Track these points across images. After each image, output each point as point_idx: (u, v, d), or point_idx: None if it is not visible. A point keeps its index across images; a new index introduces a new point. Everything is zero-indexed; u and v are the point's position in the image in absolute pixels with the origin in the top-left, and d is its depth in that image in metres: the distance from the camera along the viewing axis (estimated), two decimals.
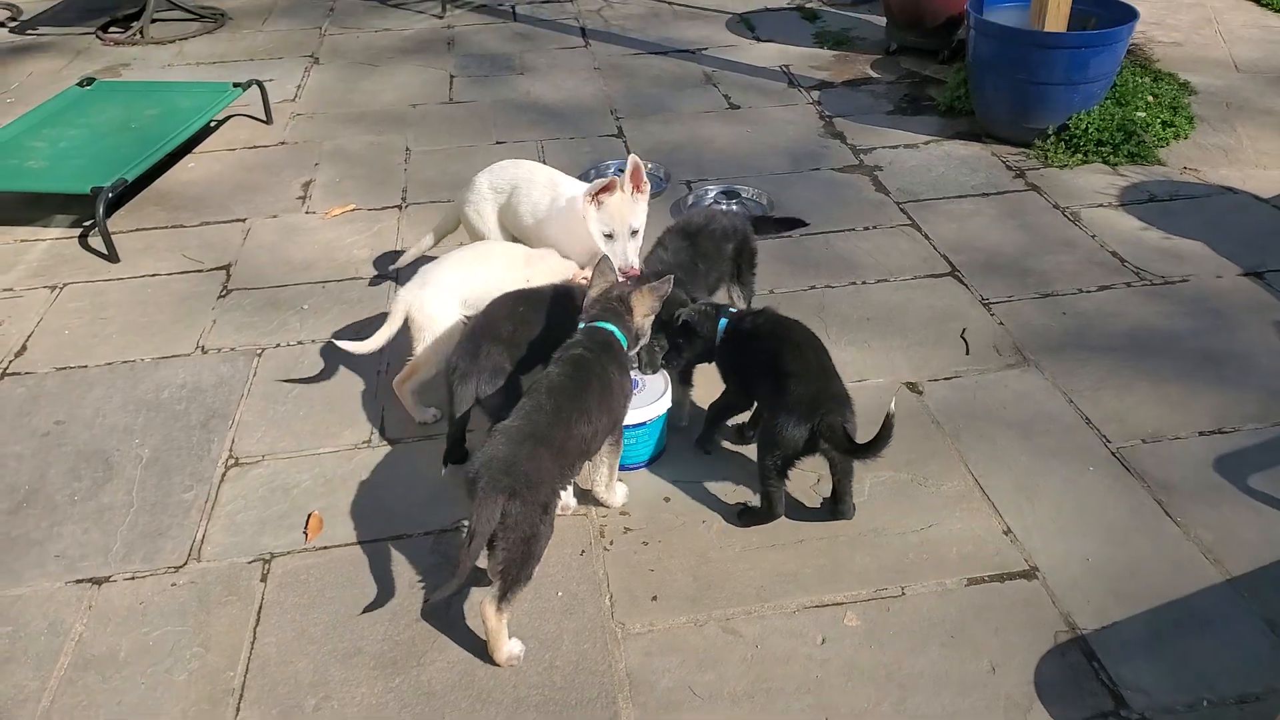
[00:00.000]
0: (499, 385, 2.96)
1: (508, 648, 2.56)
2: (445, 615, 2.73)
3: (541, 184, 3.68)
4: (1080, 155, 5.04)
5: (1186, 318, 3.85)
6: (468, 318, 3.25)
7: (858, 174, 5.11)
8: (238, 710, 2.51)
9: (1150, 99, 5.26)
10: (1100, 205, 4.69)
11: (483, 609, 2.52)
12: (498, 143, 5.59)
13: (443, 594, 2.52)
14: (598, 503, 3.06)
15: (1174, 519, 2.93)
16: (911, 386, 3.53)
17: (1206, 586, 2.72)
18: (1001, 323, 3.86)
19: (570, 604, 2.75)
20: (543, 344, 3.01)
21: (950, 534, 2.91)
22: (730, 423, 3.27)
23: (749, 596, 2.75)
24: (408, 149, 5.55)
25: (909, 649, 2.58)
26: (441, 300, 3.33)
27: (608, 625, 2.69)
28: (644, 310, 2.90)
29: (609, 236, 3.31)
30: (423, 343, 3.33)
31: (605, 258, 3.08)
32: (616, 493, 3.05)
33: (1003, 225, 4.55)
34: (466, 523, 2.92)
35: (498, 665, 2.57)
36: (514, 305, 3.09)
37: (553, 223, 3.60)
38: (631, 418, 3.00)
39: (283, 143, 5.70)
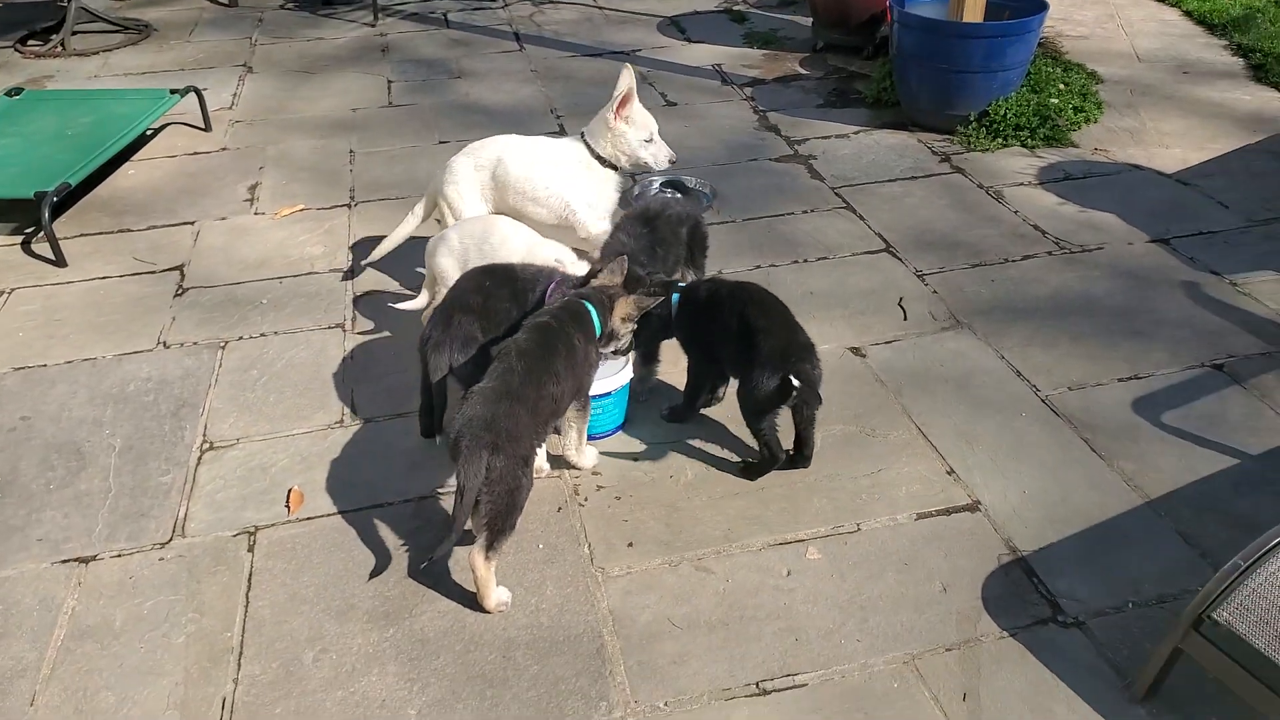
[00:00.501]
0: (470, 354, 3.11)
1: (496, 594, 2.71)
2: (431, 572, 2.86)
3: (530, 149, 3.91)
4: (1000, 139, 5.38)
5: (1102, 281, 4.17)
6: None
7: (793, 163, 5.37)
8: (239, 666, 2.61)
9: (1062, 87, 5.63)
10: (1021, 184, 5.02)
11: (472, 559, 2.67)
12: (441, 142, 5.72)
13: (442, 551, 2.67)
14: (570, 466, 3.22)
15: (1099, 454, 3.21)
16: (855, 350, 3.77)
17: (1129, 509, 2.99)
18: (935, 291, 4.13)
19: (551, 555, 2.91)
20: (507, 315, 3.17)
21: (899, 476, 3.15)
22: None
23: (717, 538, 2.95)
24: (352, 151, 5.65)
25: (867, 576, 2.80)
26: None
27: (588, 570, 2.85)
28: (622, 313, 3.03)
29: (648, 141, 3.80)
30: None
31: (620, 260, 3.16)
32: (586, 455, 3.22)
33: (932, 205, 4.85)
34: (453, 483, 3.08)
35: (487, 612, 2.72)
36: (481, 279, 3.24)
37: (568, 179, 3.84)
38: (598, 388, 3.17)
39: (224, 149, 5.75)
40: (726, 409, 3.41)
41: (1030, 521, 2.95)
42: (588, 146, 3.91)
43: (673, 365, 3.54)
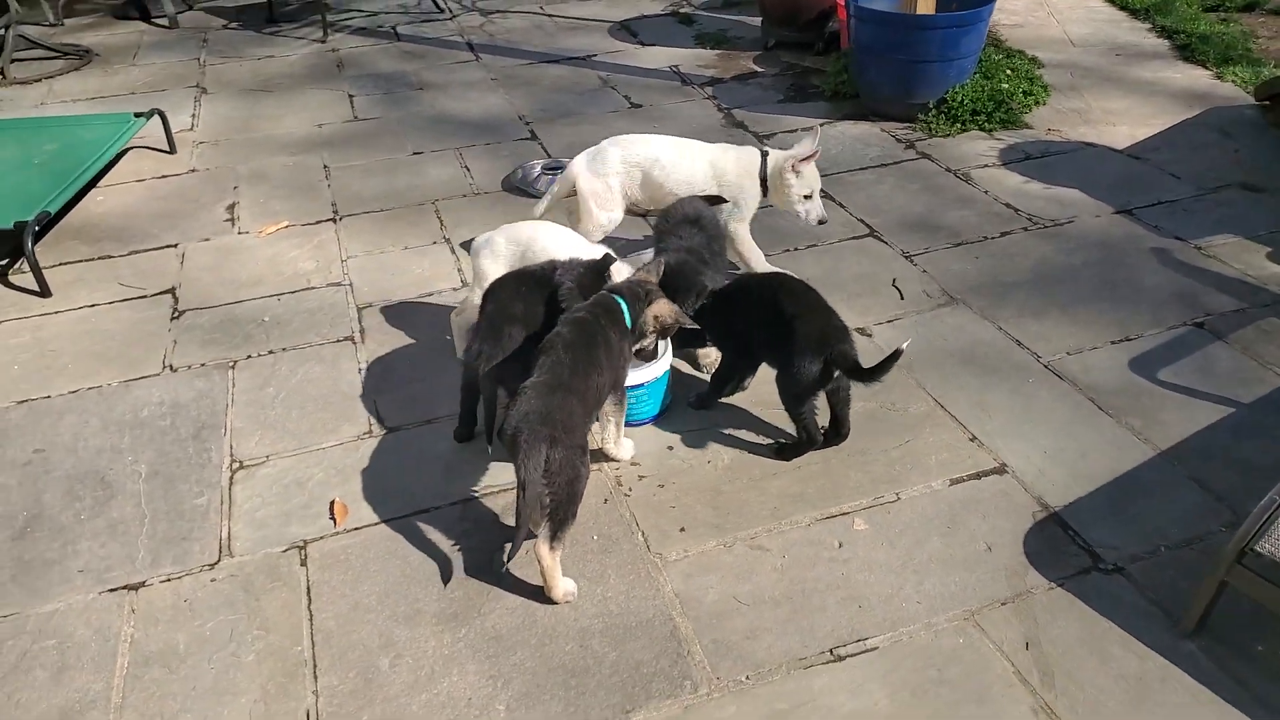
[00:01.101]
0: (519, 362, 3.18)
1: (563, 585, 2.79)
2: (490, 572, 2.93)
3: (690, 156, 4.06)
4: (959, 125, 5.61)
5: (1078, 252, 4.41)
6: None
7: None
8: (316, 678, 2.64)
9: (1009, 72, 5.89)
10: (986, 166, 5.25)
11: (538, 550, 2.74)
12: (415, 153, 5.75)
13: (515, 549, 2.73)
14: (607, 458, 3.31)
15: (1106, 412, 3.41)
16: (861, 331, 3.92)
17: (1144, 461, 3.20)
18: (925, 270, 4.32)
19: (606, 545, 3.00)
20: (547, 318, 3.25)
21: (925, 446, 3.31)
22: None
23: (765, 517, 3.06)
24: (326, 166, 5.64)
25: (914, 542, 2.95)
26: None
27: (646, 557, 2.95)
28: (656, 312, 3.09)
29: (807, 197, 4.00)
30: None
31: (656, 262, 3.29)
32: (624, 447, 3.31)
33: (905, 190, 5.04)
34: (493, 483, 3.15)
35: (555, 603, 2.79)
36: (517, 285, 3.31)
37: (734, 187, 4.01)
38: (635, 377, 3.27)
39: (193, 170, 5.69)
40: (750, 395, 3.53)
41: (1056, 479, 3.13)
42: (763, 161, 4.07)
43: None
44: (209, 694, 2.61)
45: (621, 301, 3.07)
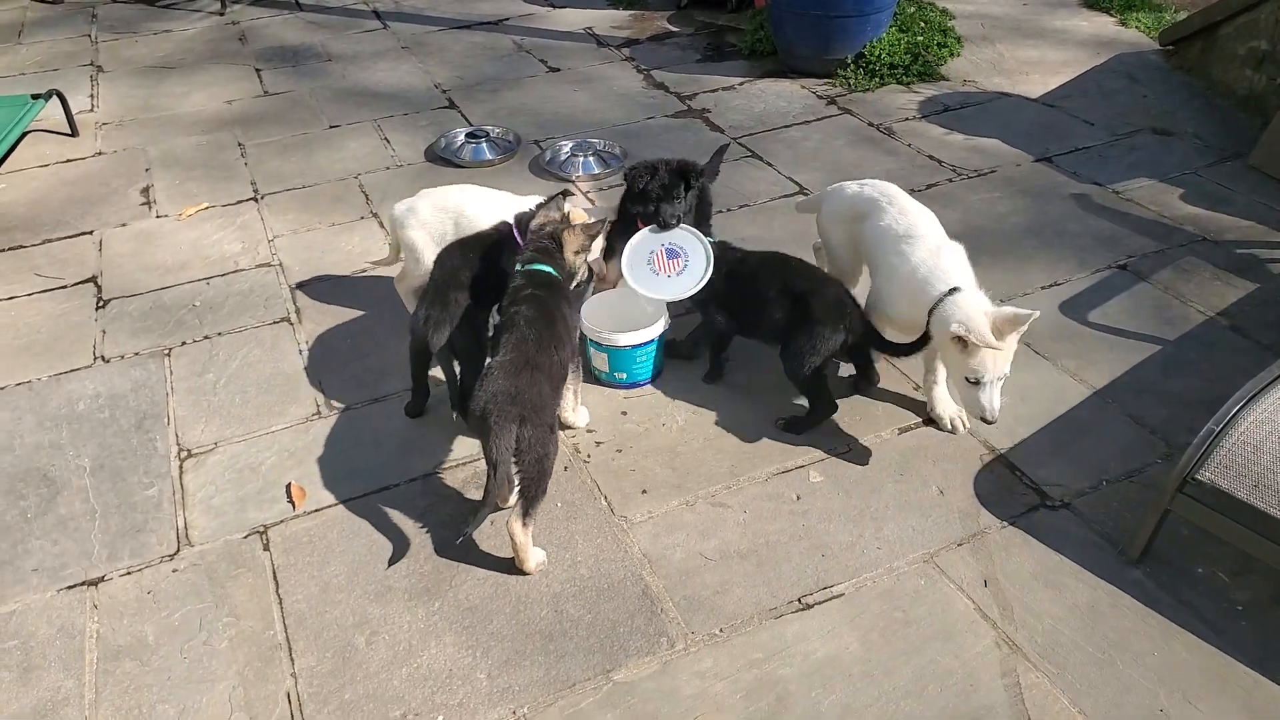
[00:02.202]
0: (467, 327, 3.18)
1: (534, 555, 2.82)
2: (457, 545, 2.93)
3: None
4: (878, 79, 5.71)
5: (1004, 200, 4.55)
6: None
7: (690, 118, 5.55)
8: (293, 660, 2.63)
9: (923, 25, 6.00)
10: (907, 119, 5.36)
11: (510, 527, 2.76)
12: (331, 127, 5.63)
13: (477, 524, 2.75)
14: (564, 426, 3.33)
15: (1042, 355, 3.56)
16: None
17: (1081, 400, 3.36)
18: None
19: (571, 511, 3.03)
20: (488, 282, 3.25)
21: (872, 398, 3.40)
22: None
23: (724, 475, 3.13)
24: (241, 145, 5.48)
25: (870, 490, 3.05)
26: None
27: (611, 521, 2.99)
28: (574, 247, 3.12)
29: (973, 382, 2.90)
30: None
31: (556, 196, 3.24)
32: (580, 414, 3.33)
33: (831, 145, 5.13)
34: (454, 457, 3.15)
35: (527, 573, 2.82)
36: (463, 252, 3.29)
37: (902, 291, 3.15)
38: (634, 339, 3.34)
39: (99, 153, 5.47)
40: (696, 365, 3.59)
41: (1000, 422, 3.23)
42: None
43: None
44: (185, 683, 2.58)
45: (550, 270, 3.05)
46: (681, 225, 3.43)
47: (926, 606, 2.67)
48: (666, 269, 3.38)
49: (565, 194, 3.28)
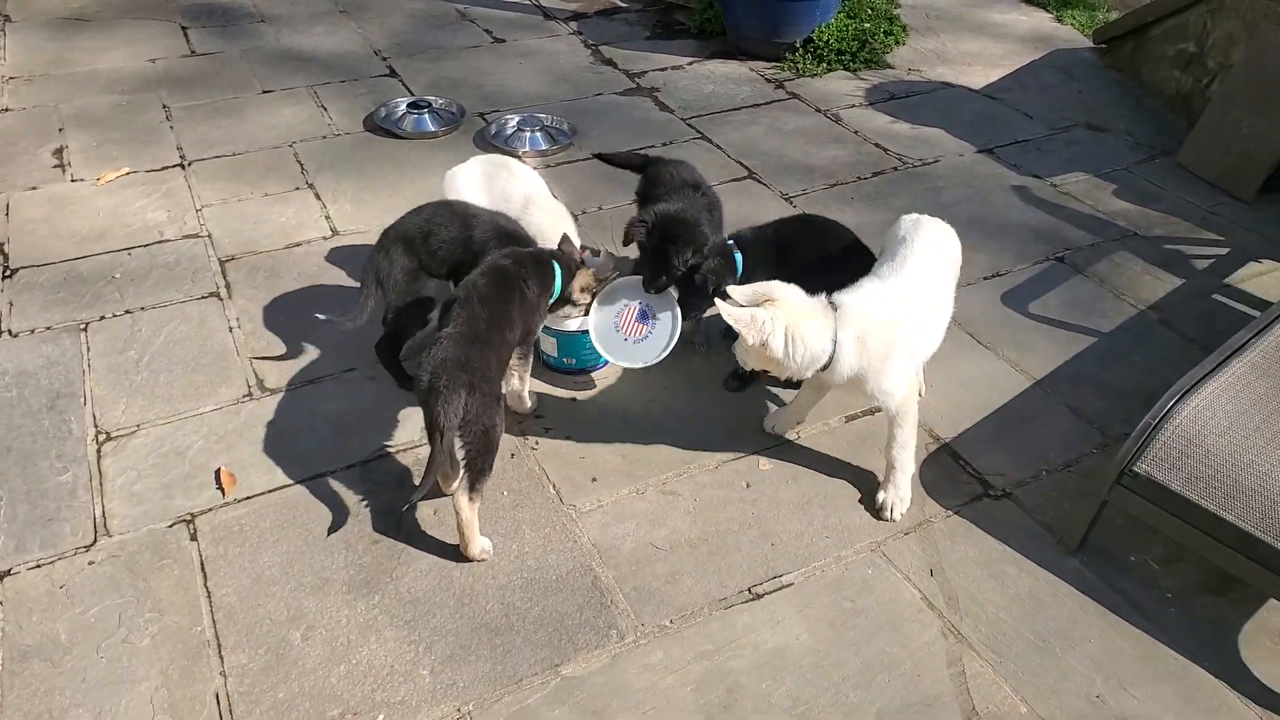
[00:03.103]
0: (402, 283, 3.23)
1: (479, 542, 2.75)
2: (400, 532, 2.84)
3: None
4: (825, 64, 5.70)
5: (947, 190, 4.58)
6: None
7: (639, 96, 5.47)
8: (222, 658, 2.51)
9: (870, 11, 6.00)
10: (854, 106, 5.36)
11: (456, 502, 2.69)
12: (265, 91, 5.42)
13: (420, 493, 2.66)
14: (510, 411, 3.24)
15: (985, 345, 3.59)
16: None
17: (1021, 391, 3.40)
18: (804, 212, 4.38)
19: (518, 500, 2.96)
20: (449, 253, 3.24)
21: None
22: None
23: (674, 463, 3.09)
24: (166, 107, 5.23)
25: (818, 478, 3.04)
26: None
27: (560, 510, 2.92)
28: (582, 284, 3.14)
29: None
30: None
31: (567, 238, 3.21)
32: (527, 399, 3.25)
33: (779, 131, 5.10)
34: (394, 442, 3.06)
35: (470, 559, 2.74)
36: (434, 214, 3.30)
37: None
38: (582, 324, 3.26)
39: (6, 109, 5.18)
40: None
41: (944, 411, 3.28)
42: None
43: None
44: (102, 684, 2.44)
45: (558, 268, 3.07)
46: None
47: (874, 596, 2.67)
48: (631, 332, 3.22)
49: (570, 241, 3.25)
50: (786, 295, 2.72)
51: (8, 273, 3.94)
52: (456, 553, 2.76)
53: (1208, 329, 3.69)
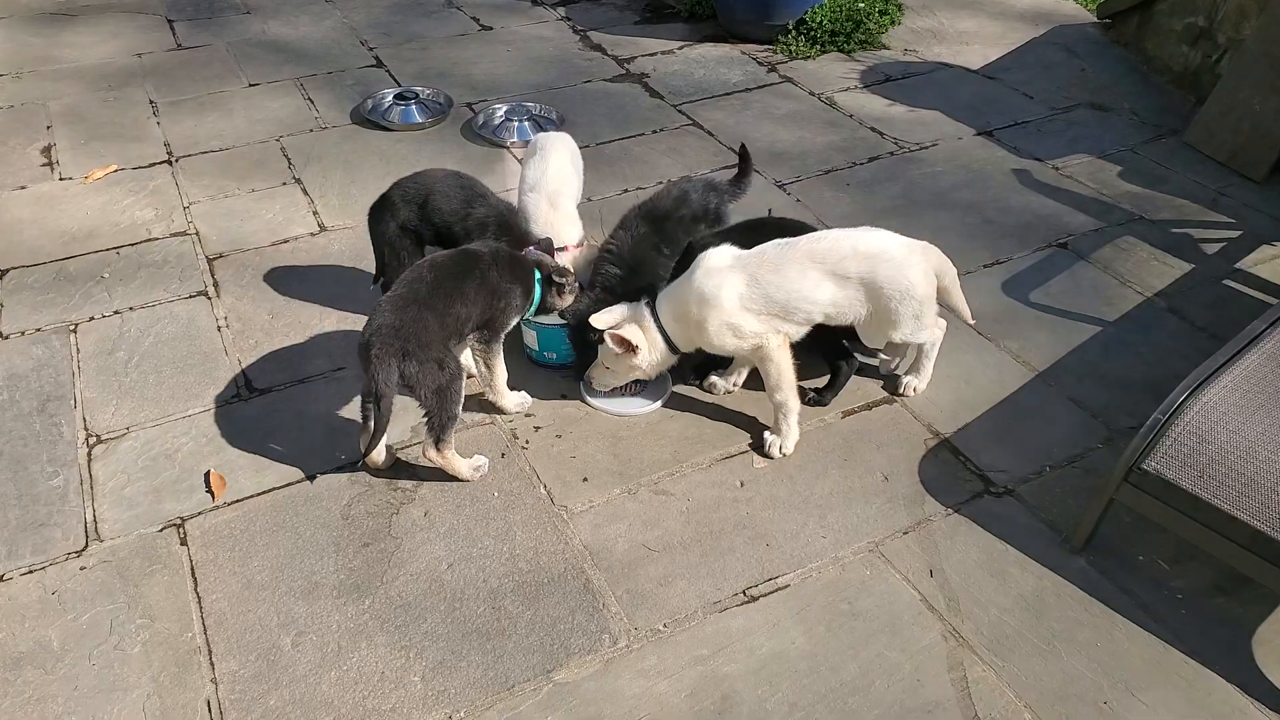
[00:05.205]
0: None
1: (466, 466, 2.89)
2: (389, 536, 2.81)
3: None
4: (819, 46, 5.61)
5: (945, 176, 4.50)
6: None
7: (628, 83, 5.39)
8: (213, 665, 2.48)
9: None
10: (849, 89, 5.28)
11: (426, 455, 2.85)
12: (251, 85, 5.36)
13: (369, 451, 2.82)
14: (498, 410, 3.20)
15: (986, 337, 3.52)
16: None
17: (1024, 384, 3.33)
18: (798, 200, 4.33)
19: (509, 501, 2.91)
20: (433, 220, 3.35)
21: (815, 381, 3.33)
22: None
23: (667, 461, 3.04)
24: (153, 102, 5.17)
25: (814, 476, 2.99)
26: None
27: (551, 510, 2.88)
28: (563, 302, 3.17)
29: None
30: None
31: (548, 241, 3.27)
32: (512, 398, 3.19)
33: (772, 116, 5.02)
34: (393, 439, 3.03)
35: (467, 481, 2.90)
36: (436, 182, 3.40)
37: None
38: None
39: None
40: None
41: (944, 406, 3.22)
42: None
43: None
44: (95, 692, 2.41)
45: (538, 277, 3.08)
46: None
47: (873, 598, 2.62)
48: (627, 389, 3.28)
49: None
50: (628, 310, 3.05)
51: None
52: (447, 555, 2.72)
53: (1219, 317, 3.61)
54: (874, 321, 2.97)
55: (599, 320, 3.00)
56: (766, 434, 3.06)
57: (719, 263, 2.93)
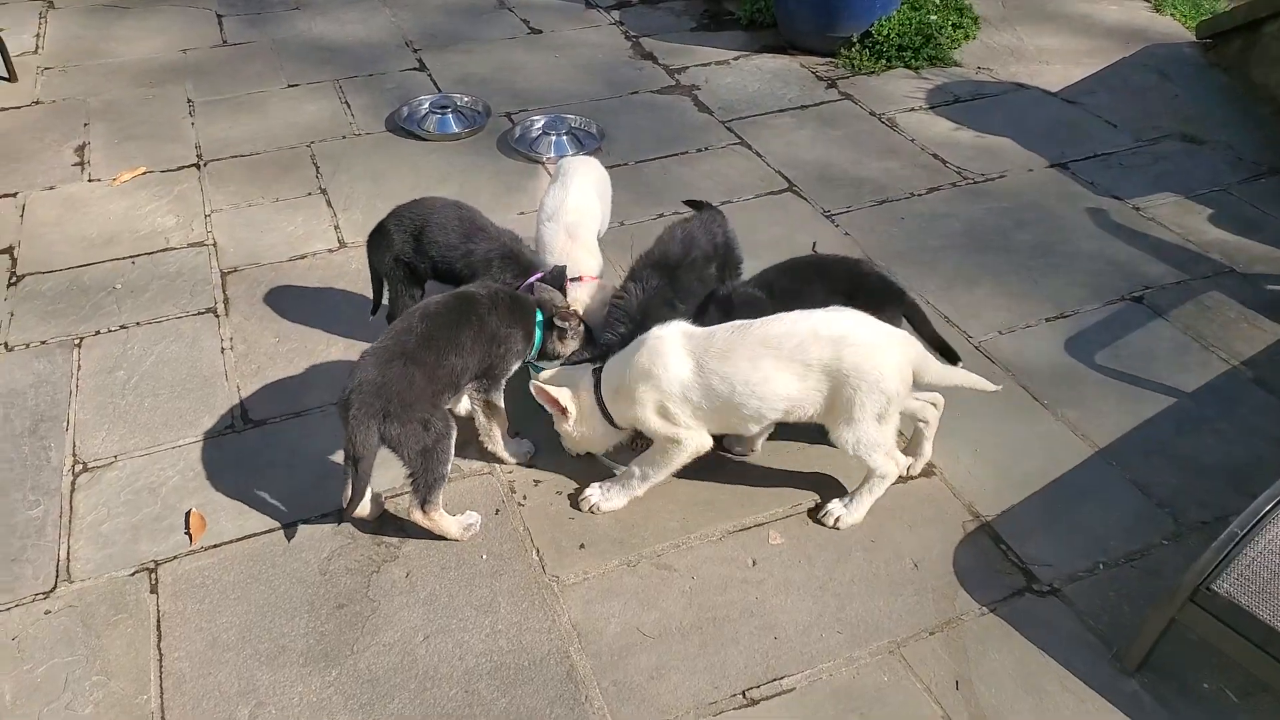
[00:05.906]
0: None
1: (456, 525, 2.69)
2: (366, 597, 2.60)
3: None
4: (884, 61, 5.25)
5: (1010, 212, 4.13)
6: None
7: (677, 95, 5.12)
8: None
9: (937, 2, 5.52)
10: (912, 109, 4.92)
11: (411, 517, 2.66)
12: (290, 85, 5.21)
13: (349, 510, 2.62)
14: (498, 460, 2.97)
15: (1041, 403, 3.18)
16: None
17: (1081, 461, 2.98)
18: (847, 233, 4.01)
19: (497, 566, 2.68)
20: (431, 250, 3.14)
21: None
22: None
23: (674, 530, 2.78)
24: (190, 101, 5.06)
25: (835, 558, 2.69)
26: None
27: (541, 580, 2.64)
28: (565, 349, 2.96)
29: None
30: None
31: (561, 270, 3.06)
32: (513, 447, 2.97)
33: (827, 137, 4.70)
34: (383, 487, 2.84)
35: (456, 540, 2.70)
36: (436, 213, 3.17)
37: None
38: None
39: (37, 102, 5.06)
40: None
41: (987, 482, 2.90)
42: None
43: None
44: None
45: (540, 319, 2.87)
46: None
47: (887, 710, 2.33)
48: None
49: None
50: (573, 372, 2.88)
51: (14, 279, 3.81)
52: (425, 625, 2.51)
53: None
54: (827, 414, 2.61)
55: (541, 376, 2.83)
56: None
57: (668, 343, 2.63)
